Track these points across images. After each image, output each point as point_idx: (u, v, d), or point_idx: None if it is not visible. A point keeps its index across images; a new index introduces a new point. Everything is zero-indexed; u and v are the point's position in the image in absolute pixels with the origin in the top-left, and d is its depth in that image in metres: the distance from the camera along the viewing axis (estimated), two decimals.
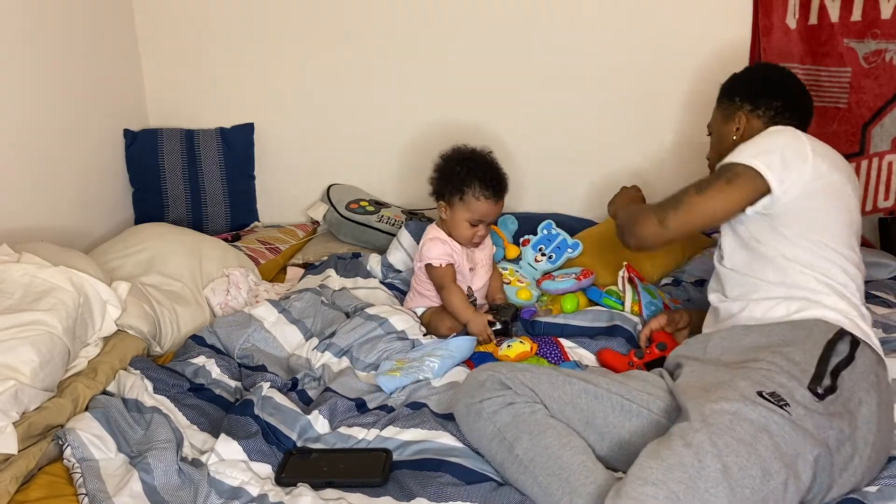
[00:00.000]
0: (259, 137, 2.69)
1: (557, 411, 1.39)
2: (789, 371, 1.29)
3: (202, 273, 2.12)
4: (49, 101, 2.22)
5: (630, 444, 1.34)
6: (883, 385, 1.36)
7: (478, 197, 1.89)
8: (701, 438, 1.17)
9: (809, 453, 1.19)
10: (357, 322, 1.88)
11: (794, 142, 1.54)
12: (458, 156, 1.96)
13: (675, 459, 1.15)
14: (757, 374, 1.29)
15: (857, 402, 1.29)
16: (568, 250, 2.22)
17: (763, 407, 1.21)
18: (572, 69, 2.53)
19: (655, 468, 1.14)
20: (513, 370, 1.45)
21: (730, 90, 1.81)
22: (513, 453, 1.32)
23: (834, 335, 1.36)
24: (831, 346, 1.34)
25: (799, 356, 1.32)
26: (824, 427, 1.23)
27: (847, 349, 1.35)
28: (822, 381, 1.28)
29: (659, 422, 1.36)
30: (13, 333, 1.49)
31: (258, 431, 1.47)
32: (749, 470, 1.14)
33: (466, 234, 1.94)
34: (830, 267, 1.48)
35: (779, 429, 1.19)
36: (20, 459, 1.34)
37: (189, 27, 2.63)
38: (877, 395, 1.31)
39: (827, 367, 1.30)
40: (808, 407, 1.24)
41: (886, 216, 2.33)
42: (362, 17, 2.56)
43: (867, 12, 2.23)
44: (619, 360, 1.73)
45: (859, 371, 1.33)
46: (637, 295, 1.96)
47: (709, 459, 1.14)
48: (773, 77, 1.80)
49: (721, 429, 1.18)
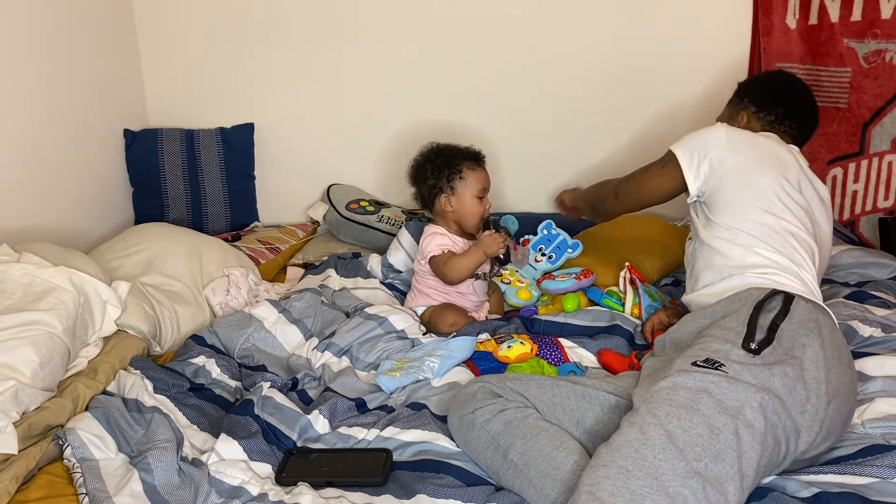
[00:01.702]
0: (259, 137, 2.69)
1: (548, 414, 1.41)
2: (723, 337, 1.36)
3: (202, 273, 2.12)
4: (49, 102, 2.22)
5: None
6: (825, 328, 1.41)
7: (472, 168, 1.98)
8: (641, 415, 1.22)
9: (753, 400, 1.23)
10: (357, 321, 1.88)
11: (714, 135, 1.70)
12: (426, 155, 2.03)
13: (621, 439, 1.19)
14: (693, 349, 1.35)
15: (800, 347, 1.35)
16: (568, 250, 2.22)
17: (698, 373, 1.27)
18: (572, 70, 2.53)
19: (605, 453, 1.18)
20: (502, 379, 1.48)
21: (743, 89, 1.91)
22: (507, 459, 1.33)
23: (764, 297, 1.44)
24: (760, 305, 1.41)
25: (733, 322, 1.40)
26: (765, 376, 1.27)
27: (780, 304, 1.42)
28: (754, 337, 1.34)
29: None
30: (13, 333, 1.49)
31: (258, 431, 1.47)
32: (694, 430, 1.18)
33: (478, 210, 1.98)
34: (755, 243, 1.58)
35: (716, 387, 1.24)
36: (20, 459, 1.34)
37: (189, 27, 2.63)
38: (819, 338, 1.37)
39: (757, 325, 1.37)
40: (744, 363, 1.29)
41: (886, 216, 2.33)
42: (362, 18, 2.56)
43: (867, 12, 2.23)
44: (620, 361, 1.73)
45: (797, 320, 1.40)
46: (638, 297, 1.96)
47: (651, 430, 1.18)
48: (784, 86, 1.90)
49: (659, 401, 1.23)
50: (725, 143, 1.67)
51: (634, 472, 1.13)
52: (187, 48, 2.65)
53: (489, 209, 2.01)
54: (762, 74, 1.99)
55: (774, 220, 1.60)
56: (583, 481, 1.15)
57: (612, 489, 1.11)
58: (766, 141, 1.73)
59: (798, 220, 1.62)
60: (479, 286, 2.03)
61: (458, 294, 2.00)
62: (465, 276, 1.94)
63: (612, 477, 1.13)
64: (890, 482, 1.27)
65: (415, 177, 2.04)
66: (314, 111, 2.68)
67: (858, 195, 2.36)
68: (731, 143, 1.68)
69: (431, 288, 2.01)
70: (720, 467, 1.15)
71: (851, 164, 2.36)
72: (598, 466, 1.16)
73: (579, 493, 1.14)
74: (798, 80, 1.96)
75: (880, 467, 1.30)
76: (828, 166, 2.39)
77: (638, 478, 1.12)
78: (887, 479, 1.27)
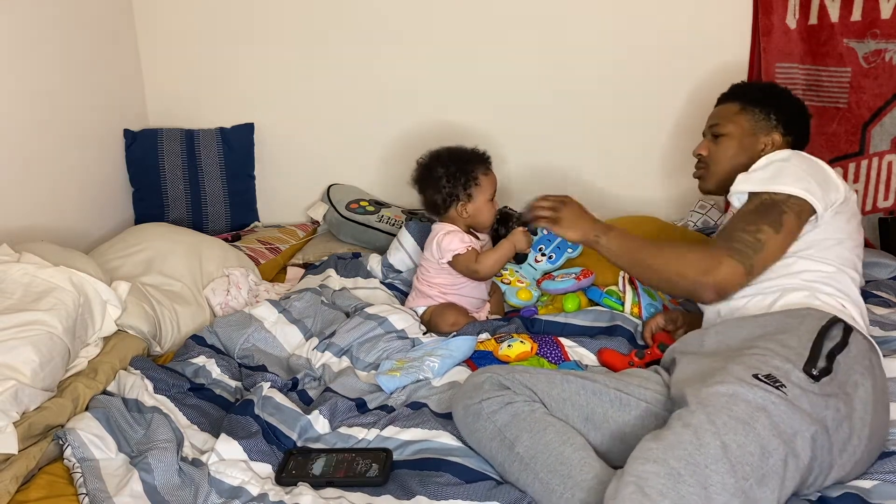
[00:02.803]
0: (259, 137, 2.69)
1: (556, 409, 1.40)
2: (784, 355, 1.31)
3: (202, 273, 2.12)
4: (49, 102, 2.22)
5: (629, 437, 1.35)
6: (877, 370, 1.38)
7: (486, 172, 1.98)
8: (699, 418, 1.18)
9: (807, 431, 1.20)
10: (356, 321, 1.88)
11: (815, 168, 1.58)
12: (438, 161, 1.98)
13: (675, 439, 1.16)
14: (752, 360, 1.31)
15: (853, 385, 1.31)
16: (568, 250, 2.22)
17: (759, 388, 1.23)
18: (572, 70, 2.53)
19: (655, 448, 1.16)
20: (511, 371, 1.46)
21: (764, 103, 1.78)
22: (513, 452, 1.32)
23: (827, 322, 1.38)
24: (824, 331, 1.36)
25: (794, 342, 1.34)
26: (820, 407, 1.24)
27: (840, 335, 1.37)
28: (816, 363, 1.30)
29: (657, 414, 1.38)
30: (13, 333, 1.49)
31: (258, 431, 1.47)
32: (748, 447, 1.15)
33: (492, 213, 2.00)
34: (831, 269, 1.51)
35: (776, 408, 1.21)
36: (20, 459, 1.34)
37: (189, 27, 2.63)
38: (871, 379, 1.34)
39: (821, 351, 1.32)
40: (803, 388, 1.25)
41: (886, 216, 2.33)
42: (363, 18, 2.56)
43: (867, 12, 2.23)
44: (620, 360, 1.73)
45: (853, 355, 1.35)
46: (637, 297, 1.96)
47: (708, 437, 1.16)
48: (802, 108, 1.83)
49: (718, 409, 1.20)
50: (827, 169, 1.60)
51: (686, 477, 1.11)
52: (187, 48, 2.65)
53: (497, 208, 2.03)
54: (781, 91, 1.86)
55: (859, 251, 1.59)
56: (628, 470, 1.14)
57: (661, 489, 1.10)
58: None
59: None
60: (481, 286, 2.03)
61: (461, 296, 2.00)
62: (497, 270, 1.96)
63: (662, 476, 1.11)
64: (893, 485, 1.27)
65: (425, 184, 2.00)
66: (314, 111, 2.68)
67: (858, 195, 2.36)
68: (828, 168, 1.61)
69: (435, 288, 2.00)
70: (762, 492, 1.14)
71: (851, 164, 2.36)
72: (648, 461, 1.14)
73: (625, 482, 1.12)
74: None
75: (881, 473, 1.30)
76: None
77: (689, 484, 1.11)
78: (888, 482, 1.27)
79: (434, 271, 2.00)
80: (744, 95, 1.83)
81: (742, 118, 1.79)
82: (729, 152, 1.78)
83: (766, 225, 1.51)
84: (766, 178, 1.57)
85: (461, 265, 1.95)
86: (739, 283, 1.51)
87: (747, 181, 1.60)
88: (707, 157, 1.82)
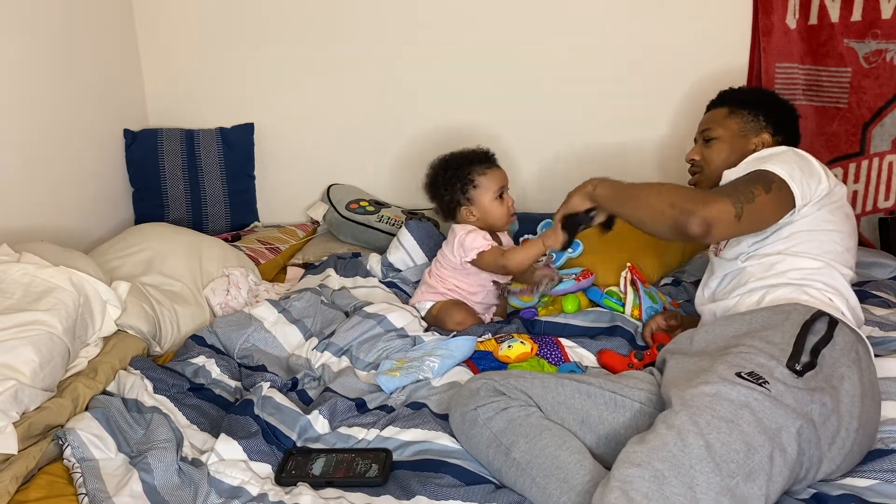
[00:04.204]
0: (259, 137, 2.70)
1: (552, 413, 1.40)
2: (768, 352, 1.32)
3: (202, 273, 2.12)
4: (49, 102, 2.22)
5: (624, 439, 1.34)
6: (864, 362, 1.39)
7: (483, 171, 1.95)
8: (682, 419, 1.19)
9: (792, 426, 1.21)
10: (355, 321, 1.88)
11: (802, 160, 1.59)
12: (436, 169, 2.00)
13: (658, 441, 1.17)
14: (736, 358, 1.32)
15: (839, 378, 1.32)
16: (568, 250, 2.22)
17: (742, 386, 1.24)
18: (572, 69, 2.53)
19: (639, 451, 1.17)
20: (506, 377, 1.46)
21: (752, 106, 1.81)
22: (510, 457, 1.32)
23: (811, 316, 1.40)
24: (808, 326, 1.37)
25: (778, 338, 1.36)
26: (806, 401, 1.25)
27: (825, 328, 1.38)
28: (799, 358, 1.31)
29: (652, 414, 1.37)
30: (13, 333, 1.49)
31: (258, 431, 1.47)
32: (732, 445, 1.16)
33: (503, 209, 1.97)
34: (818, 264, 1.54)
35: (759, 405, 1.22)
36: (20, 459, 1.34)
37: (189, 27, 2.63)
38: (858, 371, 1.34)
39: (804, 346, 1.33)
40: (787, 383, 1.26)
41: (886, 216, 2.33)
42: (362, 17, 2.56)
43: (867, 12, 2.23)
44: (619, 361, 1.73)
45: (839, 348, 1.36)
46: (638, 298, 1.96)
47: (691, 437, 1.16)
48: (791, 109, 1.86)
49: (701, 409, 1.21)
50: (816, 163, 1.62)
51: (670, 478, 1.12)
52: (187, 48, 2.66)
53: (513, 204, 2.00)
54: (768, 94, 1.90)
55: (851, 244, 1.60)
56: (614, 475, 1.14)
57: (646, 492, 1.10)
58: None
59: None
60: (493, 293, 2.03)
61: (471, 294, 2.00)
62: (526, 265, 1.90)
63: (647, 479, 1.12)
64: (890, 484, 1.27)
65: (431, 192, 2.02)
66: (314, 111, 2.68)
67: (858, 195, 2.36)
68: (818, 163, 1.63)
69: (443, 286, 2.00)
70: (750, 488, 1.14)
71: (852, 165, 2.36)
72: (632, 464, 1.14)
73: (610, 487, 1.12)
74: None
75: (880, 471, 1.30)
76: (828, 166, 2.39)
77: (673, 485, 1.11)
78: (887, 482, 1.27)
79: (449, 271, 1.99)
80: (732, 99, 1.86)
81: (731, 121, 1.81)
82: (721, 155, 1.80)
83: (758, 186, 1.51)
84: (753, 159, 1.61)
85: (488, 262, 1.92)
86: (727, 224, 1.47)
87: (735, 173, 1.62)
88: (700, 161, 1.85)
